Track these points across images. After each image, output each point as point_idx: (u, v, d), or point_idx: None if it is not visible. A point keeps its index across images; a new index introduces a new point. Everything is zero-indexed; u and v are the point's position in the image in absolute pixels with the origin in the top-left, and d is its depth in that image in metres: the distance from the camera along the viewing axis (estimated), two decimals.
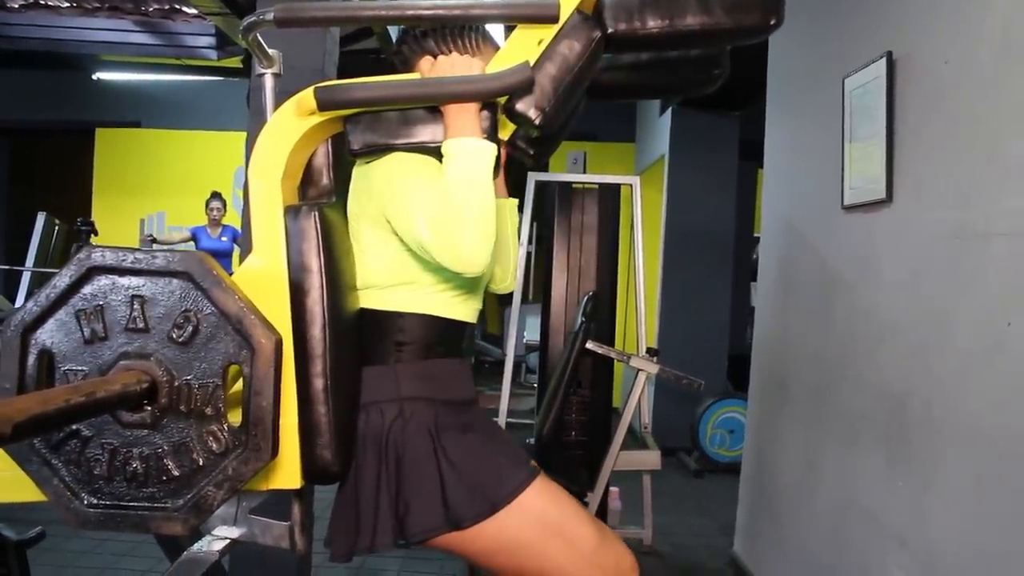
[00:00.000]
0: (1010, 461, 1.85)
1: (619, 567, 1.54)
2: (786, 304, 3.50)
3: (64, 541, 3.81)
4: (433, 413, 1.52)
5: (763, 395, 3.71)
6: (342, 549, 1.54)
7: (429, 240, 1.41)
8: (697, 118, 6.23)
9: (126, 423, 1.18)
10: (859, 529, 2.59)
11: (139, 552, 3.69)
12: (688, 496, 5.21)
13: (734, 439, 5.53)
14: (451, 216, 1.39)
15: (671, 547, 4.18)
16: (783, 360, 3.45)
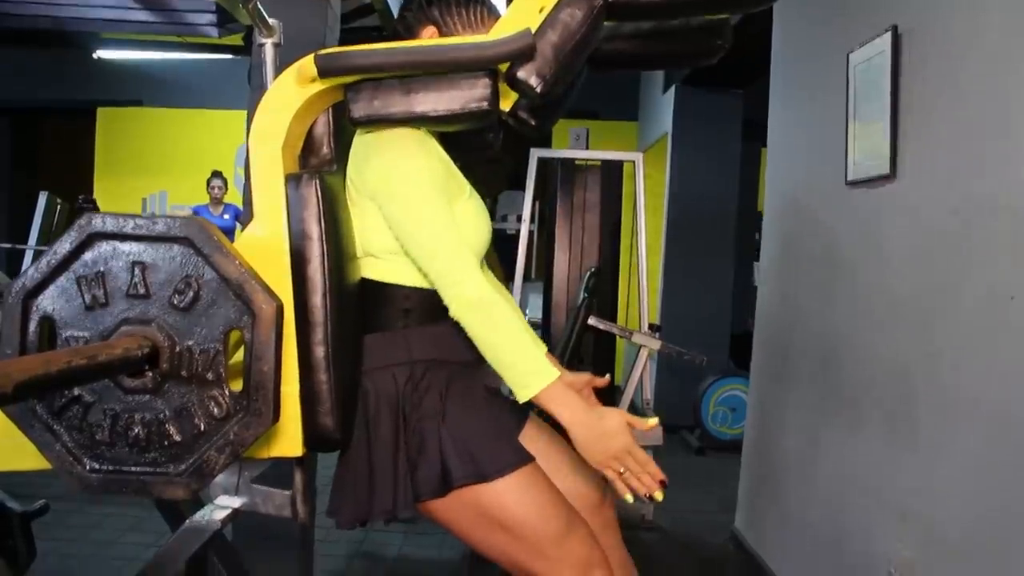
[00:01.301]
0: (1013, 435, 1.85)
1: (588, 561, 1.54)
2: (789, 280, 3.49)
3: (68, 516, 3.83)
4: (446, 373, 1.53)
5: (765, 372, 3.71)
6: (352, 516, 1.54)
7: (434, 277, 1.48)
8: (701, 96, 6.20)
9: (128, 388, 1.19)
10: (861, 504, 2.60)
11: (143, 527, 3.71)
12: (690, 473, 5.22)
13: (736, 417, 5.54)
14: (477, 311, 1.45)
15: (672, 522, 4.20)
16: (786, 336, 3.45)
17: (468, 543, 1.62)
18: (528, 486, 1.52)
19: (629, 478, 1.43)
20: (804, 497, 3.09)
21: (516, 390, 1.45)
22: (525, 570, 1.55)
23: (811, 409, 3.08)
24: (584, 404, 1.45)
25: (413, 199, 1.48)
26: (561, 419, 1.45)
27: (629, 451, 1.42)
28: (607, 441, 1.42)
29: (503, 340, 1.45)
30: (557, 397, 1.44)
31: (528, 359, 1.45)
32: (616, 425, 1.43)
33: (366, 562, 3.57)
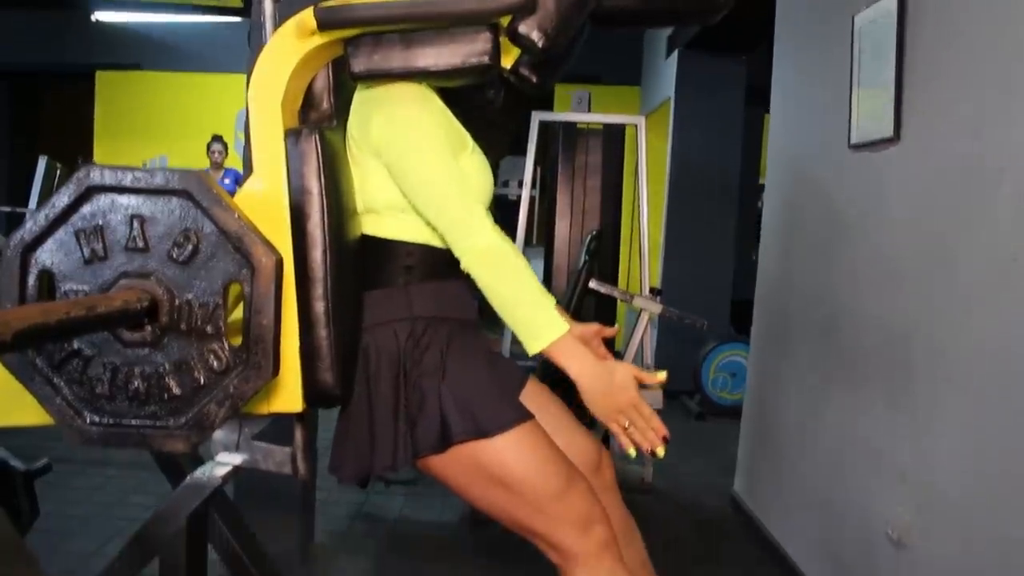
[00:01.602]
0: (1011, 396, 1.86)
1: (588, 517, 1.55)
2: (790, 246, 3.48)
3: (72, 478, 3.86)
4: (447, 331, 1.53)
5: (766, 336, 3.71)
6: (354, 471, 1.55)
7: (445, 229, 1.47)
8: (704, 61, 6.14)
9: (127, 342, 1.19)
10: (859, 466, 2.61)
11: (146, 489, 3.73)
12: (689, 438, 5.25)
13: (736, 382, 5.56)
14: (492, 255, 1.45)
15: (671, 485, 4.22)
16: (786, 301, 3.44)
17: (467, 500, 1.62)
18: (527, 443, 1.52)
19: (633, 432, 1.44)
20: (803, 460, 3.11)
21: (526, 342, 1.45)
22: (524, 527, 1.56)
23: (811, 373, 3.09)
24: (593, 357, 1.45)
25: (420, 152, 1.47)
26: (570, 371, 1.45)
27: (635, 405, 1.43)
28: (615, 395, 1.43)
29: (515, 292, 1.44)
30: (567, 349, 1.44)
31: (539, 311, 1.44)
32: (624, 379, 1.43)
33: (367, 523, 3.60)
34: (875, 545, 2.44)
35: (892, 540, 2.32)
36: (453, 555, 3.29)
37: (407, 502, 3.85)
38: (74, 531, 3.26)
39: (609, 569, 1.54)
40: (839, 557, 2.71)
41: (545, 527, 1.54)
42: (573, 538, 1.53)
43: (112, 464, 4.11)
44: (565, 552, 1.54)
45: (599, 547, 1.53)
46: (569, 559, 1.54)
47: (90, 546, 3.05)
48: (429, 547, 3.36)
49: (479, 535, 3.50)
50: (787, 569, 3.11)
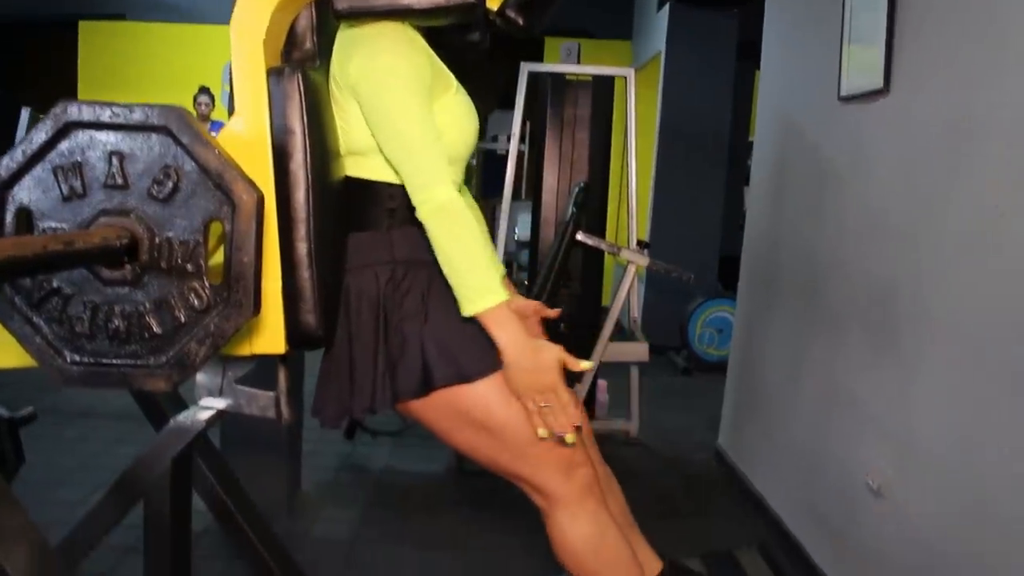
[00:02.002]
0: (993, 348, 1.87)
1: (571, 461, 1.56)
2: (778, 200, 3.48)
3: (58, 429, 3.86)
4: (427, 275, 1.53)
5: (752, 291, 3.72)
6: (335, 413, 1.55)
7: (404, 178, 1.47)
8: (695, 15, 6.09)
9: (107, 280, 1.17)
10: (841, 418, 2.63)
11: (131, 439, 3.74)
12: (675, 393, 5.29)
13: (723, 338, 5.58)
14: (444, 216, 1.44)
15: (657, 439, 4.25)
16: (773, 256, 3.45)
17: (450, 444, 1.63)
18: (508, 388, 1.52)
19: (547, 414, 1.46)
20: (787, 414, 3.13)
21: (462, 303, 1.45)
22: (508, 471, 1.57)
23: (796, 328, 3.10)
24: (523, 332, 1.45)
25: (390, 98, 1.45)
26: (498, 342, 1.45)
27: (555, 389, 1.45)
28: (537, 374, 1.45)
29: (460, 251, 1.44)
30: (500, 318, 1.44)
31: (480, 275, 1.44)
32: (549, 360, 1.45)
33: (353, 474, 3.62)
34: (855, 496, 2.46)
35: (872, 490, 2.35)
36: (439, 505, 3.32)
37: (393, 453, 3.87)
38: (60, 481, 3.27)
39: (592, 512, 1.55)
40: (820, 508, 2.74)
41: (528, 471, 1.55)
42: (556, 481, 1.54)
43: (97, 415, 4.12)
44: (548, 495, 1.55)
45: (582, 490, 1.55)
46: (552, 502, 1.55)
47: (77, 495, 3.06)
48: (415, 497, 3.39)
49: (465, 485, 3.53)
50: (770, 520, 3.15)
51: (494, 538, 3.02)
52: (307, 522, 3.10)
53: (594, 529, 1.55)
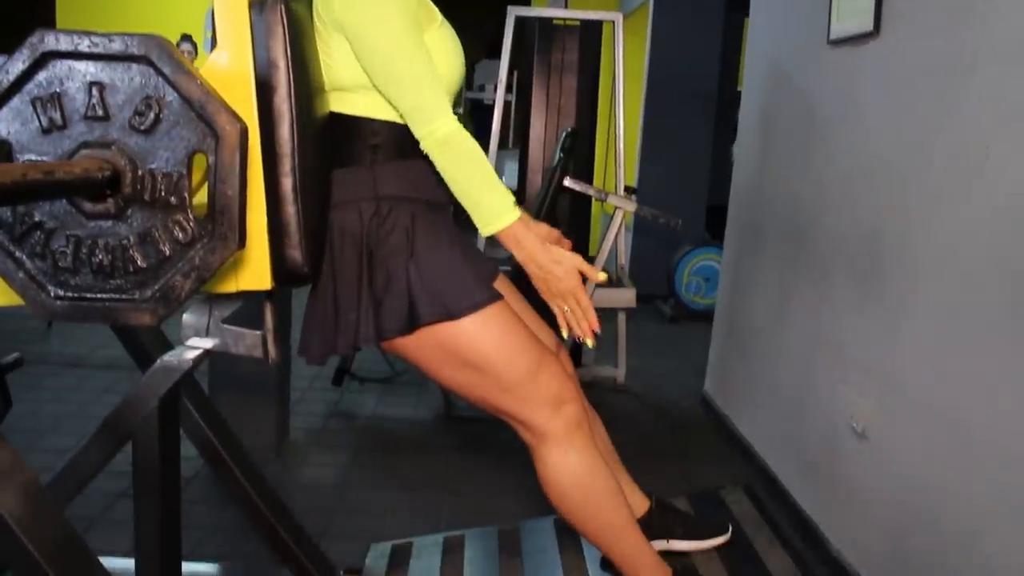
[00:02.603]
0: (978, 289, 1.88)
1: (559, 397, 1.57)
2: (766, 147, 3.47)
3: (44, 379, 3.86)
4: (410, 212, 1.52)
5: (739, 239, 3.73)
6: (320, 350, 1.55)
7: (405, 112, 1.48)
8: None
9: (89, 214, 1.16)
10: (827, 362, 2.65)
11: (118, 388, 3.74)
12: (662, 341, 5.31)
13: (709, 287, 5.59)
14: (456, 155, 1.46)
15: (643, 386, 4.28)
16: (760, 203, 3.45)
17: (438, 381, 1.64)
18: (496, 324, 1.53)
19: (570, 318, 1.51)
20: (772, 359, 3.15)
21: (480, 224, 1.48)
22: (496, 407, 1.58)
23: (782, 273, 3.11)
24: (540, 246, 1.48)
25: (382, 33, 1.44)
26: (518, 257, 1.49)
27: (575, 295, 1.49)
28: (556, 281, 1.49)
29: (468, 180, 1.47)
30: (518, 234, 1.48)
31: (492, 199, 1.47)
32: (566, 269, 1.49)
33: (341, 421, 3.63)
34: (839, 438, 2.49)
35: (856, 432, 2.37)
36: (428, 450, 3.34)
37: (381, 400, 3.88)
38: (49, 429, 3.27)
39: (580, 448, 1.56)
40: (804, 450, 2.77)
41: (515, 406, 1.55)
42: (544, 417, 1.55)
43: (84, 365, 4.12)
44: (535, 431, 1.56)
45: (569, 426, 1.56)
46: (540, 438, 1.56)
47: (65, 443, 3.07)
48: (404, 443, 3.41)
49: (454, 430, 3.55)
50: (754, 463, 3.19)
51: (483, 481, 3.05)
52: (296, 468, 3.12)
53: (582, 466, 1.57)
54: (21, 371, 2.58)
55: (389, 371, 4.10)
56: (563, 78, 3.80)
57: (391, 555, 2.12)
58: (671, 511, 2.00)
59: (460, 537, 2.16)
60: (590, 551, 2.00)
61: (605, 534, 1.64)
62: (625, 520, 1.63)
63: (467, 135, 1.47)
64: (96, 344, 4.43)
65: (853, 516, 2.40)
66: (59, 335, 4.59)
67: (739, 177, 3.80)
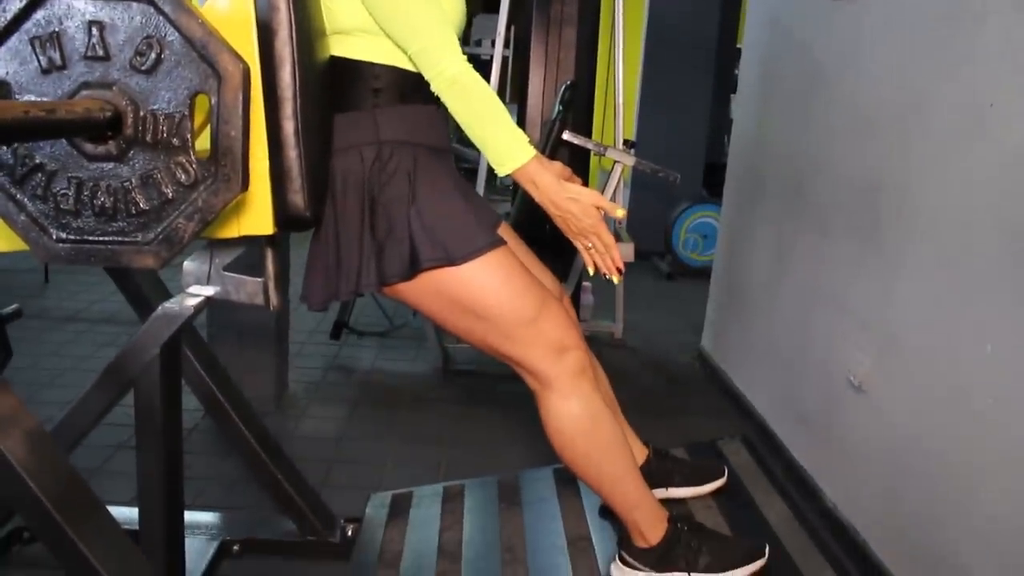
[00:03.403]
0: (978, 244, 1.88)
1: (563, 343, 1.57)
2: (766, 102, 3.45)
3: (44, 333, 3.86)
4: (412, 156, 1.51)
5: (738, 194, 3.72)
6: (321, 296, 1.55)
7: (414, 55, 1.46)
8: None
9: (91, 156, 1.15)
10: (824, 317, 2.66)
11: (118, 342, 3.74)
12: (659, 297, 5.32)
13: (707, 244, 5.59)
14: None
15: (640, 341, 4.30)
16: (759, 159, 3.43)
17: (442, 327, 1.64)
18: (498, 270, 1.52)
19: (595, 255, 1.51)
20: (769, 315, 3.16)
21: (496, 164, 1.48)
22: (499, 352, 1.58)
23: (781, 230, 3.10)
24: (557, 181, 1.47)
25: None
26: (535, 196, 1.48)
27: (596, 231, 1.49)
28: (575, 220, 1.49)
29: (479, 120, 1.46)
30: (532, 174, 1.47)
31: (504, 138, 1.46)
32: (583, 206, 1.48)
33: (340, 374, 3.65)
34: (836, 392, 2.50)
35: (853, 386, 2.38)
36: (426, 404, 3.36)
37: (380, 353, 3.89)
38: (48, 382, 3.28)
39: (583, 394, 1.57)
40: (801, 404, 2.78)
41: (518, 352, 1.55)
42: (547, 364, 1.55)
43: (83, 319, 4.12)
44: (539, 376, 1.56)
45: (573, 372, 1.56)
46: (543, 384, 1.57)
47: (65, 395, 3.07)
48: (402, 396, 3.42)
49: (452, 384, 3.57)
50: (751, 418, 3.21)
51: (481, 434, 3.07)
52: (294, 420, 3.13)
53: (585, 411, 1.57)
54: (19, 325, 2.58)
55: (387, 325, 4.11)
56: (562, 31, 3.76)
57: (391, 505, 2.14)
58: (669, 459, 2.02)
59: (460, 487, 2.18)
60: (589, 499, 2.02)
61: (606, 480, 1.65)
62: (626, 467, 1.64)
63: (476, 75, 1.46)
64: (93, 299, 4.42)
65: (848, 469, 2.42)
66: (56, 289, 4.59)
67: (739, 131, 3.78)
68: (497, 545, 1.90)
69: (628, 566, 1.69)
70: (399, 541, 1.98)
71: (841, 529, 2.35)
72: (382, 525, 2.05)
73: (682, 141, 5.99)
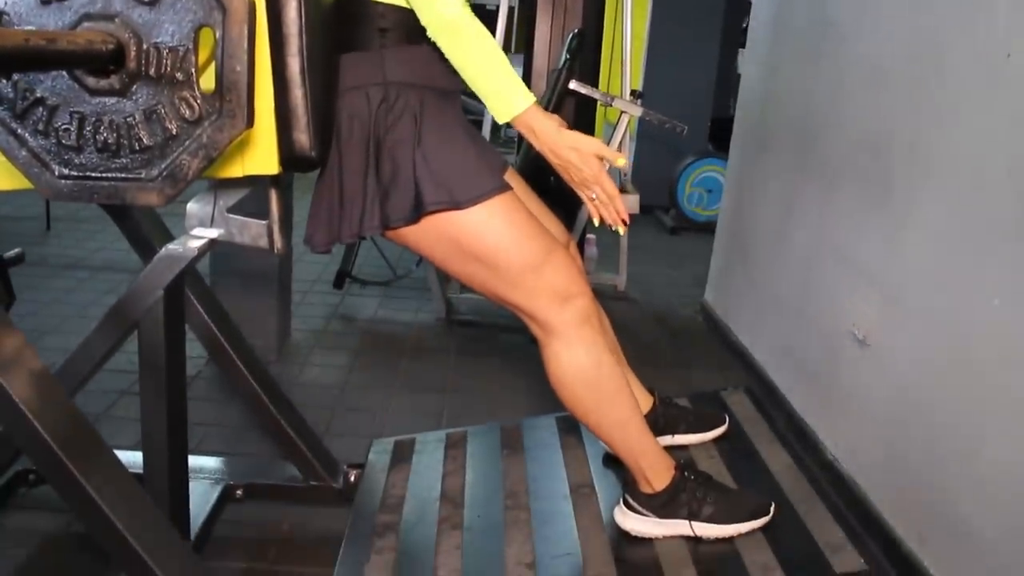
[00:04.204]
0: (989, 198, 1.86)
1: (568, 291, 1.55)
2: (776, 55, 3.40)
3: (47, 280, 3.86)
4: (419, 98, 1.48)
5: (745, 147, 3.68)
6: (324, 238, 1.53)
7: (413, 2, 1.42)
8: None
9: (93, 90, 1.13)
10: (830, 270, 2.64)
11: (119, 290, 3.73)
12: (663, 251, 5.31)
13: (711, 198, 5.56)
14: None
15: (644, 294, 4.30)
16: (768, 112, 3.40)
17: (447, 272, 1.62)
18: (503, 215, 1.50)
19: (598, 205, 1.48)
20: (774, 268, 3.15)
21: (495, 111, 1.45)
22: (504, 299, 1.56)
23: (787, 183, 3.08)
24: (556, 129, 1.45)
25: None
26: (536, 145, 1.46)
27: (599, 181, 1.46)
28: (576, 170, 1.46)
29: (480, 63, 1.43)
30: (531, 122, 1.44)
31: (505, 83, 1.43)
32: (584, 155, 1.45)
33: (342, 323, 3.65)
34: (840, 345, 2.50)
35: (857, 339, 2.38)
36: (428, 353, 3.36)
37: (383, 303, 3.89)
38: (51, 329, 3.28)
39: (588, 341, 1.56)
40: (804, 357, 2.78)
41: (523, 299, 1.54)
42: (552, 311, 1.54)
43: (85, 267, 4.11)
44: (543, 324, 1.55)
45: (578, 320, 1.55)
46: (548, 331, 1.56)
47: (67, 342, 3.05)
48: (405, 346, 3.43)
49: (455, 333, 3.57)
50: (753, 371, 3.21)
51: (483, 383, 3.08)
52: (297, 368, 3.14)
53: (589, 359, 1.56)
54: (21, 272, 2.58)
55: (391, 274, 4.10)
56: None
57: (394, 451, 2.14)
58: (674, 407, 2.02)
59: (462, 434, 2.18)
60: (592, 447, 2.02)
61: (611, 427, 1.64)
62: (631, 414, 1.64)
63: (474, 19, 1.42)
64: (96, 246, 4.41)
65: (850, 423, 2.42)
66: (57, 237, 4.57)
67: (747, 83, 3.73)
68: (500, 491, 1.90)
69: (632, 510, 1.70)
70: (401, 487, 1.98)
71: (841, 482, 2.36)
72: (385, 471, 2.05)
73: (688, 94, 5.93)
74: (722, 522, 1.67)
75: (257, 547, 2.05)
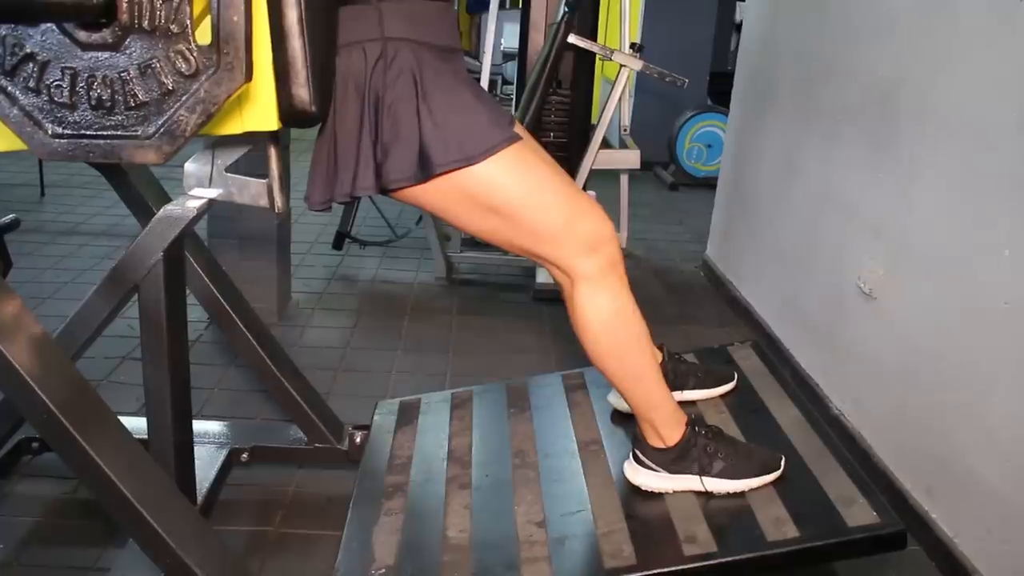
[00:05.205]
0: (998, 145, 1.83)
1: (595, 239, 1.52)
2: (777, 6, 3.35)
3: (43, 247, 3.83)
4: (417, 56, 1.42)
5: (746, 99, 3.64)
6: (320, 197, 1.49)
7: None
8: None
9: (85, 44, 1.09)
10: (834, 223, 2.62)
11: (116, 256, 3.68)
12: (663, 207, 5.27)
13: (711, 153, 5.52)
14: None
15: (645, 250, 4.27)
16: (770, 62, 3.35)
17: (462, 229, 1.58)
18: (522, 166, 1.45)
19: None
20: (777, 222, 3.12)
21: None
22: (527, 251, 1.52)
23: (790, 135, 3.04)
24: None
25: None
26: None
27: None
28: None
29: None
30: None
31: None
32: None
33: (342, 284, 3.63)
34: (845, 298, 2.48)
35: (863, 292, 2.36)
36: (430, 313, 3.34)
37: (382, 263, 3.87)
38: (49, 295, 3.26)
39: (614, 288, 1.53)
40: (808, 312, 2.76)
41: (549, 251, 1.50)
42: (579, 259, 1.50)
43: (82, 233, 4.08)
44: (569, 271, 1.51)
45: (605, 266, 1.51)
46: (574, 278, 1.52)
47: (65, 308, 3.01)
48: (406, 306, 3.41)
49: (456, 293, 3.55)
50: (755, 325, 3.20)
51: (487, 342, 3.06)
52: (298, 330, 3.12)
53: (615, 305, 1.53)
54: (17, 239, 2.55)
55: (390, 235, 4.07)
56: None
57: (399, 412, 2.13)
58: (683, 363, 2.00)
59: (468, 393, 2.16)
60: (600, 404, 2.01)
61: (630, 376, 1.62)
62: (650, 365, 1.62)
63: None
64: (91, 212, 4.37)
65: (856, 377, 2.41)
66: (52, 203, 4.53)
67: (749, 33, 3.68)
68: (507, 450, 1.89)
69: (642, 464, 1.68)
70: (408, 447, 1.97)
71: (847, 436, 2.35)
72: (391, 432, 2.04)
73: (687, 48, 5.85)
74: (733, 477, 1.66)
75: (264, 510, 2.05)
